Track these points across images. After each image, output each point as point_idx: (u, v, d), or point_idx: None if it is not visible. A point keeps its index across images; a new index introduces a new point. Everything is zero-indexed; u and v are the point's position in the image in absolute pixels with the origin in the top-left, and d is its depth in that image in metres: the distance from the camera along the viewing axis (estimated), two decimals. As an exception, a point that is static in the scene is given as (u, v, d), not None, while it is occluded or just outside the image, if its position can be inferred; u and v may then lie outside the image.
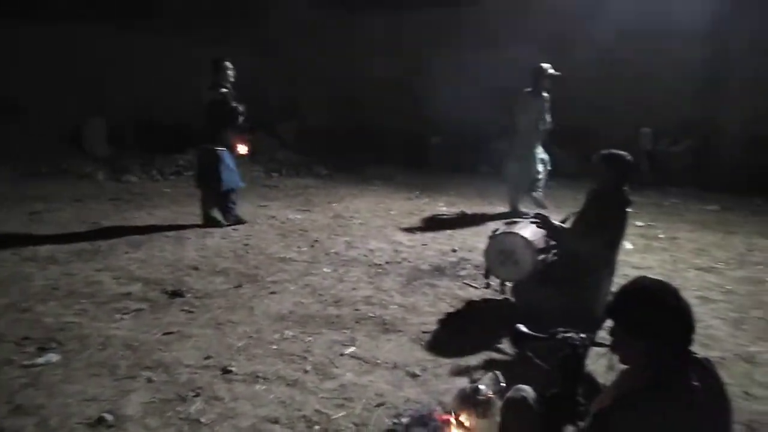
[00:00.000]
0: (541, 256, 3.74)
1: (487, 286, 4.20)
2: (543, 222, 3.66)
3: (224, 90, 5.87)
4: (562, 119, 6.94)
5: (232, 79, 5.98)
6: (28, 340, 3.42)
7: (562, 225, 3.69)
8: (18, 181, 8.62)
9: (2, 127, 10.18)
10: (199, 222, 6.16)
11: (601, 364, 2.68)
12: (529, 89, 6.66)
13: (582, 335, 2.13)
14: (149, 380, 2.99)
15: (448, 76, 10.56)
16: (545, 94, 6.67)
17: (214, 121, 5.92)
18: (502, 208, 7.19)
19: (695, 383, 1.56)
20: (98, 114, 11.00)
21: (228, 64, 5.94)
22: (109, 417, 2.64)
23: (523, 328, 2.28)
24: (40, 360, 3.17)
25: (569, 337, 2.11)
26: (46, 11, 10.25)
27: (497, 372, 2.51)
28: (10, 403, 2.74)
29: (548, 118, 6.71)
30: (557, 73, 6.61)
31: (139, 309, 3.94)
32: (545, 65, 6.61)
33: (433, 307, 4.12)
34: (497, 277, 4.04)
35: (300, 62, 11.92)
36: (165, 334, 3.56)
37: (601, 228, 3.37)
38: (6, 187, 8.13)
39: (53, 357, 3.21)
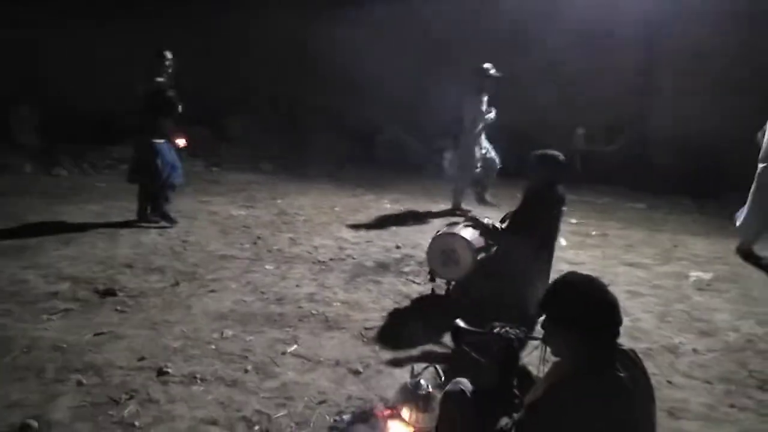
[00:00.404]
0: (481, 255, 3.84)
1: (433, 291, 4.26)
2: (475, 223, 3.77)
3: (160, 79, 5.66)
4: (499, 119, 7.09)
5: (170, 70, 5.77)
6: (-58, 344, 3.19)
7: (495, 224, 3.80)
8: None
9: None
10: (134, 217, 5.92)
11: (536, 357, 2.81)
12: (471, 89, 6.78)
13: (517, 329, 2.21)
14: (79, 383, 2.86)
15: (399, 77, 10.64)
16: (485, 94, 6.81)
17: (150, 111, 5.69)
18: (445, 206, 7.31)
19: (621, 373, 1.64)
20: (26, 102, 10.37)
21: (168, 54, 5.73)
22: (33, 423, 2.51)
23: (461, 323, 2.33)
24: (-43, 365, 2.97)
25: (505, 331, 2.18)
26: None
27: (437, 366, 2.55)
28: None
29: (491, 115, 6.86)
30: (498, 74, 6.77)
31: (68, 309, 3.75)
32: (486, 65, 6.76)
33: (376, 303, 4.14)
34: (440, 277, 4.12)
35: (242, 57, 11.67)
36: (96, 335, 3.40)
37: (535, 225, 3.50)
38: None
39: (-29, 361, 3.02)
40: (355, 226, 6.38)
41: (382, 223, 6.62)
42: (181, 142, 6.03)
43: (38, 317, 3.61)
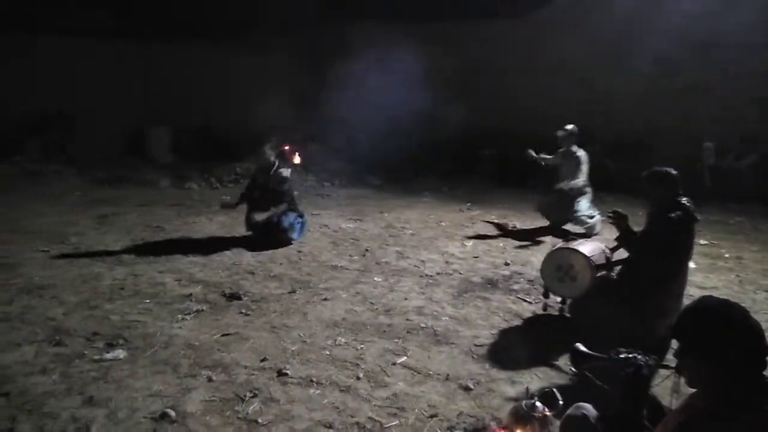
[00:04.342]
0: (601, 273, 3.65)
1: (545, 308, 4.12)
2: (619, 220, 3.52)
3: (268, 160, 6.04)
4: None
5: (270, 161, 6.09)
6: (97, 335, 3.62)
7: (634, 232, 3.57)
8: (87, 186, 9.15)
9: (71, 137, 10.89)
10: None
11: (666, 387, 2.61)
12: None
13: (646, 356, 2.07)
14: (209, 379, 3.11)
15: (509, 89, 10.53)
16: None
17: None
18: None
19: (770, 410, 1.49)
20: (161, 124, 11.58)
21: (268, 148, 6.14)
22: (171, 413, 2.76)
23: (582, 347, 2.24)
24: (109, 355, 3.35)
25: (633, 357, 2.06)
26: (106, 28, 10.93)
27: (554, 389, 2.46)
28: (82, 395, 2.92)
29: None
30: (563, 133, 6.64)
31: (199, 310, 4.10)
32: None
33: (485, 320, 4.08)
34: (555, 293, 3.97)
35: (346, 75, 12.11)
36: (224, 335, 3.69)
37: (665, 246, 3.26)
38: (77, 192, 8.64)
39: (120, 353, 3.39)
40: (462, 242, 6.35)
41: (489, 238, 6.53)
42: (297, 159, 6.36)
43: (174, 316, 3.98)
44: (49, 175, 9.76)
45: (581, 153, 6.59)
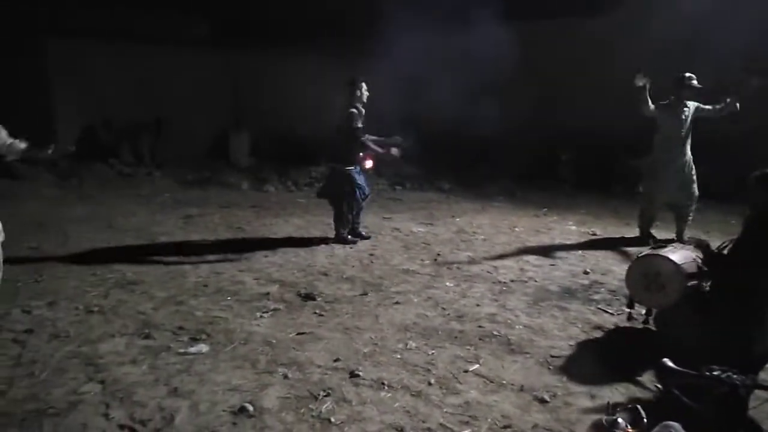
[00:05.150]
0: (691, 283, 3.42)
1: (629, 317, 3.91)
2: (697, 243, 3.34)
3: (353, 110, 5.84)
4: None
5: (364, 100, 5.95)
6: (182, 330, 3.83)
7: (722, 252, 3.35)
8: (175, 188, 9.72)
9: (158, 139, 11.61)
10: (328, 232, 6.42)
11: (766, 410, 2.40)
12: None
13: (742, 375, 1.93)
14: (285, 376, 3.20)
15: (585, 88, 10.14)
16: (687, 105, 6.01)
17: (343, 141, 5.95)
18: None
19: None
20: (244, 128, 12.11)
21: (363, 84, 5.91)
22: (250, 407, 2.86)
23: (670, 362, 2.11)
24: (192, 349, 3.53)
25: (727, 375, 1.92)
26: (198, 37, 11.52)
27: (638, 406, 2.32)
28: (168, 386, 3.09)
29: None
30: (699, 85, 5.96)
31: (276, 309, 4.24)
32: (687, 74, 6.01)
33: (562, 330, 3.93)
34: (640, 302, 3.77)
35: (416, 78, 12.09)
36: (299, 334, 3.79)
37: (762, 256, 3.01)
38: (165, 193, 9.21)
39: (203, 347, 3.56)
40: (537, 248, 6.16)
41: (567, 245, 6.29)
42: (367, 163, 6.37)
43: (253, 314, 4.13)
44: (141, 177, 10.45)
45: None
